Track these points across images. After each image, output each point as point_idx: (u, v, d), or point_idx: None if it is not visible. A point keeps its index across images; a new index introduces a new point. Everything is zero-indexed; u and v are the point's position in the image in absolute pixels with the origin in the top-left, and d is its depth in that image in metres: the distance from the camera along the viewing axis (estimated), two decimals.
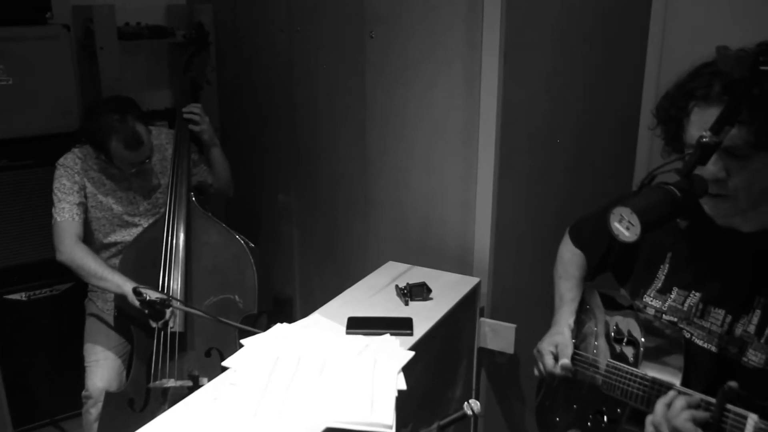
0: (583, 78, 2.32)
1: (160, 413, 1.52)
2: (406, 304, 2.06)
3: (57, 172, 2.47)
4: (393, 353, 1.73)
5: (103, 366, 2.48)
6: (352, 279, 2.27)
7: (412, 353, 1.73)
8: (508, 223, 2.32)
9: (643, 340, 1.46)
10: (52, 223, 2.44)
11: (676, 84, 1.37)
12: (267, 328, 1.87)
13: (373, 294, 2.15)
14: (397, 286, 2.13)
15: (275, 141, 3.04)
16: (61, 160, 2.49)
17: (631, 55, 2.14)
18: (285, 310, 3.09)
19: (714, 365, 1.39)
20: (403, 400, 1.56)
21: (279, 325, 1.87)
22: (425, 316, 1.97)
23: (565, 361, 1.62)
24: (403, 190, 2.51)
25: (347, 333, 1.86)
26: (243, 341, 1.79)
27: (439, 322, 1.99)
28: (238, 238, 2.48)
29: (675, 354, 1.41)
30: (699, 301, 1.44)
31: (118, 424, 2.33)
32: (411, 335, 1.86)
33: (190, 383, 2.19)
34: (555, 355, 1.66)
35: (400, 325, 1.89)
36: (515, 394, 2.48)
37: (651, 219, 1.20)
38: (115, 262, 2.51)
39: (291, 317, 2.67)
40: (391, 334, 1.83)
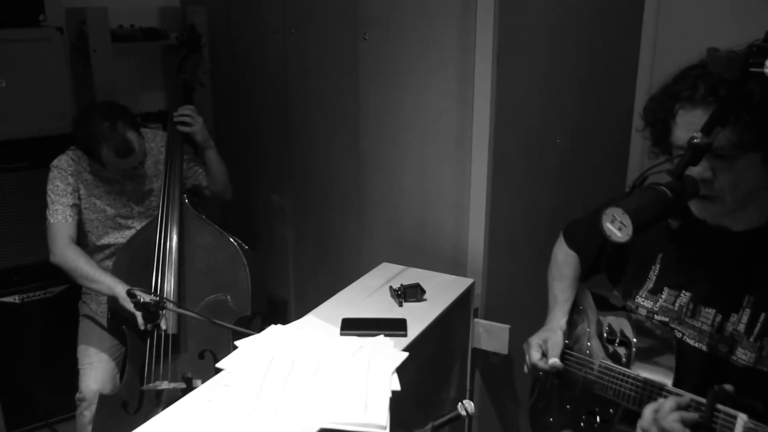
0: (576, 80, 2.33)
1: (153, 415, 1.51)
2: (400, 305, 2.07)
3: (51, 174, 2.46)
4: (387, 354, 1.73)
5: (96, 368, 2.47)
6: (347, 280, 2.27)
7: (406, 354, 1.73)
8: (502, 224, 2.32)
9: (635, 340, 1.47)
10: (46, 224, 2.43)
11: (663, 86, 1.38)
12: (261, 329, 1.87)
13: (367, 295, 2.16)
14: (391, 288, 2.14)
15: (269, 143, 3.05)
16: (54, 161, 2.48)
17: (623, 58, 2.15)
18: (279, 311, 3.09)
19: (705, 364, 1.40)
20: (397, 401, 1.57)
21: (273, 326, 1.87)
22: (419, 317, 1.98)
23: (554, 360, 1.62)
24: (397, 192, 2.52)
25: (341, 334, 1.86)
26: (237, 343, 1.79)
27: (433, 323, 1.99)
28: (232, 239, 2.48)
29: (666, 354, 1.42)
30: (689, 300, 1.45)
31: (112, 427, 2.32)
32: (405, 336, 1.86)
33: (183, 385, 2.18)
34: (543, 349, 1.66)
35: (394, 326, 1.90)
36: (509, 395, 2.48)
37: (643, 219, 1.21)
38: (109, 264, 2.51)
39: (285, 319, 2.66)
40: (385, 335, 1.83)
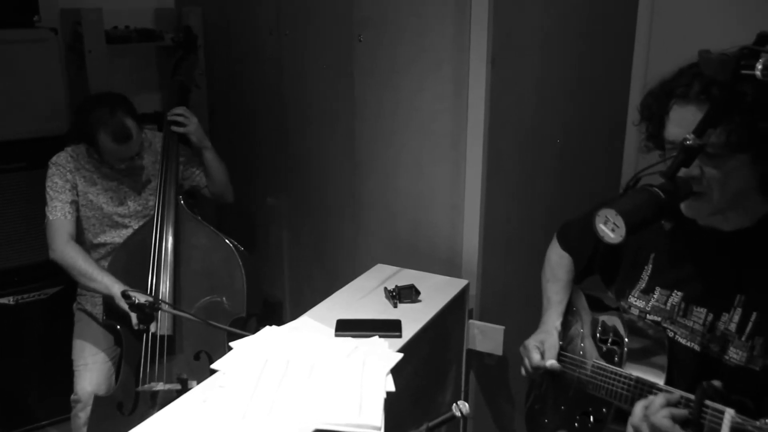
0: (570, 81, 2.34)
1: (149, 417, 1.52)
2: (395, 307, 2.07)
3: (49, 171, 2.47)
4: (382, 355, 1.73)
5: (92, 370, 2.47)
6: (342, 282, 2.27)
7: (401, 355, 1.74)
8: (497, 225, 2.33)
9: (627, 340, 1.48)
10: (45, 221, 2.44)
11: (660, 82, 1.40)
12: (256, 330, 1.87)
13: (362, 296, 2.16)
14: (385, 289, 2.14)
15: (264, 144, 3.05)
16: (53, 158, 2.49)
17: (617, 59, 2.16)
18: (274, 313, 3.09)
19: (697, 363, 1.41)
20: (392, 402, 1.57)
21: (268, 327, 1.87)
22: (414, 318, 1.98)
23: (552, 362, 1.63)
24: (391, 193, 2.52)
25: (336, 335, 1.87)
26: (232, 344, 1.80)
27: (428, 324, 2.00)
28: (227, 241, 2.48)
29: (659, 353, 1.43)
30: (681, 300, 1.46)
31: (107, 428, 2.32)
32: (400, 337, 1.87)
33: (178, 386, 2.18)
34: (542, 351, 1.67)
35: (389, 327, 1.90)
36: (504, 396, 2.49)
37: (635, 221, 1.21)
38: (104, 264, 2.50)
39: (280, 320, 2.67)
40: (380, 336, 1.84)
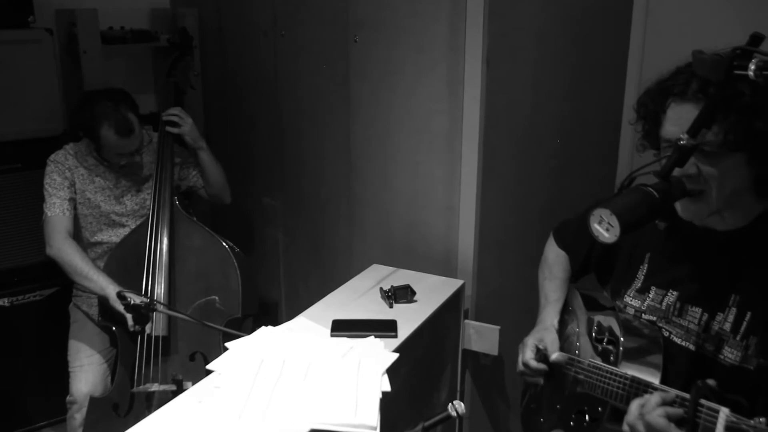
0: (565, 81, 2.34)
1: (144, 418, 1.51)
2: (391, 307, 2.07)
3: (48, 168, 2.47)
4: (377, 355, 1.73)
5: (87, 371, 2.46)
6: (337, 282, 2.27)
7: (397, 355, 1.74)
8: (492, 225, 2.33)
9: (622, 339, 1.48)
10: (43, 218, 2.44)
11: (657, 81, 1.41)
12: (252, 331, 1.87)
13: (357, 297, 2.16)
14: (381, 289, 2.14)
15: (260, 145, 3.05)
16: (52, 156, 2.49)
17: (612, 59, 2.16)
18: (270, 313, 3.08)
19: (692, 363, 1.41)
20: (388, 402, 1.57)
21: (263, 328, 1.87)
22: (409, 318, 1.99)
23: (557, 354, 1.62)
24: (387, 194, 2.53)
25: (332, 335, 1.87)
26: (227, 344, 1.79)
27: (424, 324, 2.00)
28: (223, 242, 2.48)
29: (654, 353, 1.44)
30: (676, 299, 1.46)
31: (103, 429, 2.31)
32: (395, 337, 1.87)
33: (174, 387, 2.17)
34: (541, 348, 1.66)
35: (385, 328, 1.90)
36: (500, 395, 2.49)
37: (630, 220, 1.22)
38: (100, 263, 2.50)
39: (276, 320, 2.67)
40: (376, 337, 1.84)
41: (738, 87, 1.20)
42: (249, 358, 1.70)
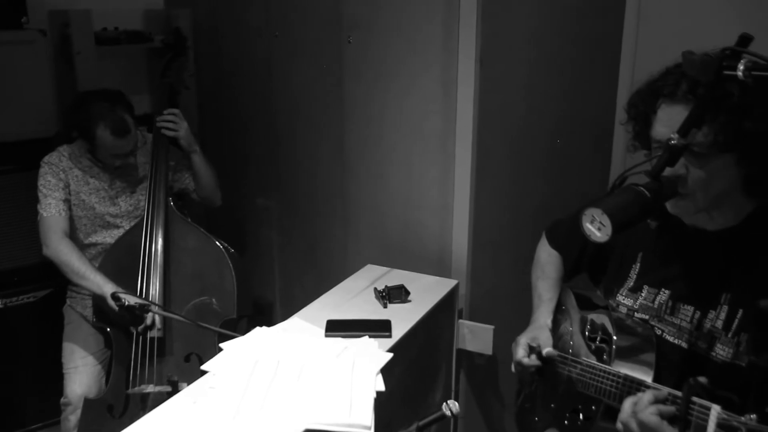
0: (559, 83, 2.35)
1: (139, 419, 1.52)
2: (385, 307, 2.08)
3: (42, 170, 2.46)
4: (372, 355, 1.74)
5: (82, 372, 2.46)
6: (332, 282, 2.28)
7: (391, 355, 1.75)
8: (486, 225, 2.34)
9: (615, 338, 1.49)
10: (38, 219, 2.43)
11: (647, 81, 1.41)
12: (247, 332, 1.87)
13: (351, 297, 2.16)
14: (375, 289, 2.15)
15: (254, 145, 3.05)
16: (46, 157, 2.49)
17: (605, 59, 2.17)
18: (265, 314, 3.09)
19: (684, 361, 1.42)
20: (382, 402, 1.58)
21: (258, 328, 1.88)
22: (403, 318, 1.99)
23: (549, 350, 1.62)
24: (381, 194, 2.53)
25: (326, 336, 1.87)
26: (222, 345, 1.80)
27: (418, 324, 2.01)
28: (217, 243, 2.48)
29: (646, 351, 1.44)
30: (669, 298, 1.47)
31: (98, 431, 2.31)
32: (389, 337, 1.88)
33: (169, 388, 2.18)
34: (534, 346, 1.67)
35: (379, 328, 1.91)
36: (494, 395, 2.50)
37: (621, 219, 1.22)
38: (95, 265, 2.49)
39: (271, 321, 2.67)
40: (370, 337, 1.85)
41: (727, 87, 1.21)
42: (244, 358, 1.70)
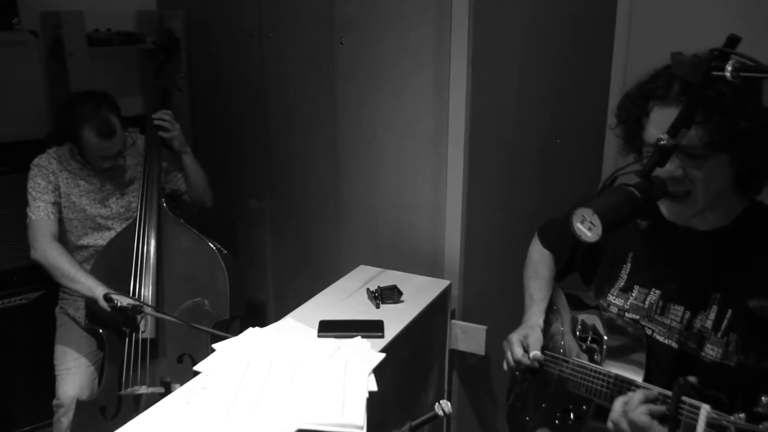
0: (550, 84, 2.36)
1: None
2: (378, 307, 2.08)
3: (31, 172, 2.46)
4: (364, 355, 1.74)
5: (74, 374, 2.45)
6: (325, 283, 2.28)
7: (383, 355, 1.75)
8: (478, 226, 2.35)
9: (606, 338, 1.50)
10: (27, 222, 2.42)
11: (637, 84, 1.41)
12: (240, 333, 1.87)
13: (344, 297, 2.17)
14: (368, 290, 2.15)
15: (247, 146, 3.05)
16: (35, 160, 2.48)
17: (597, 62, 2.18)
18: (258, 314, 3.09)
19: (674, 360, 1.43)
20: (375, 402, 1.58)
21: (251, 329, 1.88)
22: (396, 319, 2.00)
23: (536, 353, 1.64)
24: (374, 195, 2.54)
25: (319, 336, 1.87)
26: (215, 345, 1.80)
27: (410, 324, 2.01)
28: (210, 244, 2.48)
29: (637, 351, 1.45)
30: (659, 298, 1.48)
31: None
32: (382, 337, 1.88)
33: (162, 390, 2.17)
34: (524, 345, 1.68)
35: (371, 328, 1.91)
36: (487, 395, 2.51)
37: (612, 219, 1.23)
38: (87, 267, 2.49)
39: (264, 322, 2.66)
40: (363, 337, 1.85)
41: (720, 88, 1.22)
42: (236, 359, 1.70)
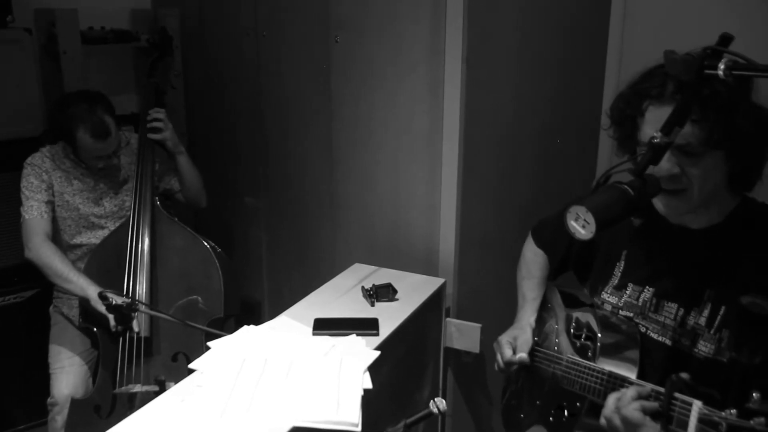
0: (545, 82, 2.36)
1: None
2: (372, 305, 2.08)
3: (24, 171, 2.45)
4: (359, 353, 1.75)
5: (68, 372, 2.45)
6: (320, 281, 2.28)
7: (378, 353, 1.75)
8: (473, 224, 2.35)
9: (600, 335, 1.51)
10: (21, 221, 2.42)
11: (630, 84, 1.42)
12: (234, 331, 1.87)
13: (339, 296, 2.17)
14: (363, 288, 2.15)
15: (242, 145, 3.05)
16: (29, 159, 2.47)
17: (591, 60, 2.19)
18: (253, 313, 3.08)
19: (668, 358, 1.44)
20: (370, 400, 1.58)
21: (246, 327, 1.88)
22: (391, 317, 2.00)
23: (522, 355, 1.65)
24: (369, 193, 2.54)
25: (314, 334, 1.87)
26: (209, 343, 1.80)
27: (405, 322, 2.01)
28: (204, 242, 2.48)
29: (631, 348, 1.46)
30: (653, 295, 1.49)
31: (85, 431, 2.30)
32: (377, 335, 1.88)
33: (156, 388, 2.17)
34: (514, 346, 1.69)
35: (366, 326, 1.91)
36: (481, 392, 2.51)
37: (605, 217, 1.24)
38: (81, 265, 2.49)
39: (259, 320, 2.66)
40: (357, 335, 1.85)
41: (715, 86, 1.22)
42: (231, 357, 1.70)
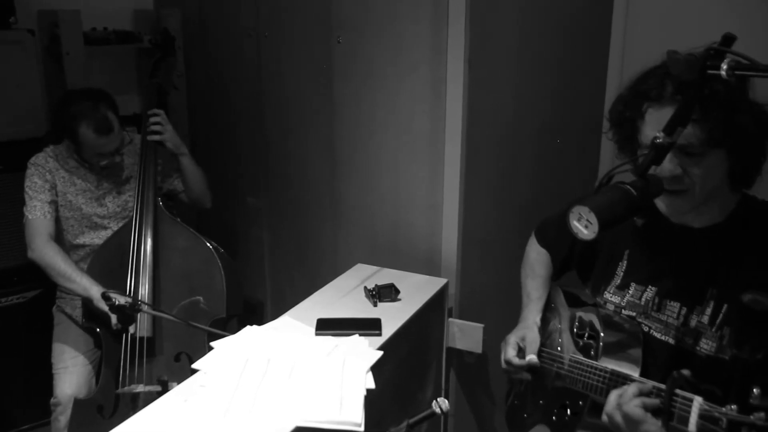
0: (547, 82, 2.37)
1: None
2: (375, 305, 2.08)
3: (28, 171, 2.46)
4: (362, 353, 1.75)
5: (71, 372, 2.45)
6: (322, 282, 2.28)
7: (381, 353, 1.75)
8: (475, 224, 2.35)
9: (603, 334, 1.51)
10: (24, 221, 2.43)
11: (629, 86, 1.42)
12: (237, 331, 1.88)
13: (342, 296, 2.17)
14: (365, 288, 2.15)
15: (244, 145, 3.05)
16: (32, 159, 2.48)
17: (594, 60, 2.19)
18: (255, 313, 3.09)
19: (671, 357, 1.44)
20: (373, 400, 1.58)
21: (248, 327, 1.88)
22: (393, 317, 2.00)
23: (532, 357, 1.65)
24: (371, 193, 2.54)
25: (316, 334, 1.88)
26: (213, 344, 1.80)
27: (408, 322, 2.01)
28: (207, 242, 2.48)
29: (633, 347, 1.46)
30: (655, 295, 1.49)
31: (88, 431, 2.31)
32: (380, 335, 1.88)
33: (159, 388, 2.18)
34: (522, 347, 1.69)
35: (369, 326, 1.91)
36: (484, 392, 2.51)
37: (608, 217, 1.24)
38: (84, 265, 2.49)
39: (261, 320, 2.67)
40: (360, 335, 1.85)
41: (714, 85, 1.22)
42: (234, 357, 1.70)
